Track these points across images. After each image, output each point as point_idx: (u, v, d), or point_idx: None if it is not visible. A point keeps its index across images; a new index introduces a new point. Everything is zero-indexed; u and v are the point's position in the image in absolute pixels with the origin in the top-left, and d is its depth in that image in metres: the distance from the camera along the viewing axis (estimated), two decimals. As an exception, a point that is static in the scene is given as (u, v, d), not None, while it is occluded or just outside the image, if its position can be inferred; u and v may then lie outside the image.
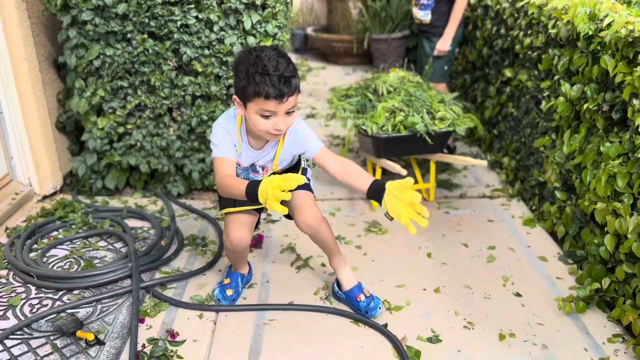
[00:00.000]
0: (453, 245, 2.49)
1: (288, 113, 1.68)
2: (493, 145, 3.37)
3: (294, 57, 6.38)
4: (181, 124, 2.74)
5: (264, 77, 1.60)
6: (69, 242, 2.44)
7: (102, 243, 2.45)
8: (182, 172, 2.89)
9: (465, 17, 3.74)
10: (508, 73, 2.96)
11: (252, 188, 1.60)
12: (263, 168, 1.92)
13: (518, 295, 2.13)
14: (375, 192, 1.70)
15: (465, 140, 3.69)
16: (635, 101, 1.75)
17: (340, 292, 2.05)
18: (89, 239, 2.47)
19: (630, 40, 1.77)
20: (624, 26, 1.81)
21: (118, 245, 2.43)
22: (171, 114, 2.76)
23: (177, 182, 2.89)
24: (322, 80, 5.43)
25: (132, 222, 2.62)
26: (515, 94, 2.95)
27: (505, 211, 2.80)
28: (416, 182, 3.04)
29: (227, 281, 2.09)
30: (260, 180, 1.59)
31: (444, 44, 3.37)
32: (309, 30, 6.32)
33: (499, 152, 3.25)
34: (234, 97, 1.72)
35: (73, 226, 2.54)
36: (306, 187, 1.92)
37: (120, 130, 2.72)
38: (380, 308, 1.98)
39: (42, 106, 2.70)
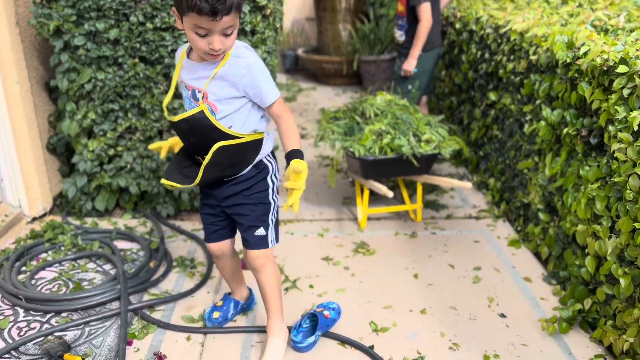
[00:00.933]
0: (439, 266, 2.53)
1: (225, 34, 1.54)
2: (479, 166, 3.42)
3: (284, 78, 6.46)
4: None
5: None
6: (57, 264, 2.45)
7: (91, 265, 2.46)
8: (171, 194, 2.91)
9: (451, 41, 3.83)
10: (492, 96, 3.03)
11: None
12: (203, 96, 1.67)
13: (503, 316, 2.16)
14: (287, 161, 1.66)
15: (452, 161, 3.75)
16: (610, 127, 1.81)
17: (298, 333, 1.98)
18: (78, 261, 2.48)
19: (605, 68, 1.84)
20: (599, 55, 1.87)
21: (107, 267, 2.45)
22: (161, 136, 2.79)
23: (167, 204, 2.91)
24: (312, 100, 5.50)
25: (121, 244, 2.64)
26: (499, 117, 3.02)
27: (491, 232, 2.85)
28: (403, 202, 3.09)
29: (219, 303, 2.10)
30: None
31: (408, 64, 3.52)
32: (300, 52, 6.41)
33: (485, 173, 3.31)
34: (173, 9, 1.58)
35: (62, 248, 2.56)
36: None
37: (111, 152, 2.74)
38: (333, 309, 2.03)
39: (33, 128, 2.73)
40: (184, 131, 1.73)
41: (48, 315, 2.10)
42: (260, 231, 1.81)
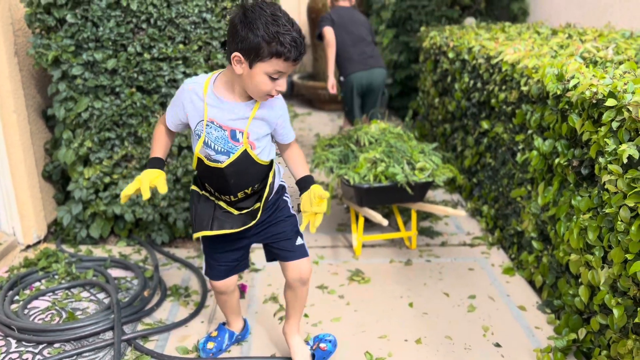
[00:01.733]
0: (434, 294, 2.53)
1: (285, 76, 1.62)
2: (473, 193, 3.45)
3: (280, 103, 6.51)
4: (167, 174, 2.79)
5: (285, 37, 1.49)
6: (51, 293, 2.43)
7: (84, 294, 2.45)
8: (166, 221, 2.92)
9: (444, 70, 3.89)
10: (485, 125, 3.07)
11: (153, 163, 1.74)
12: (242, 134, 1.68)
13: (498, 345, 2.16)
14: (301, 185, 1.82)
15: (447, 188, 3.77)
16: (601, 159, 1.84)
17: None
18: (72, 290, 2.47)
19: (594, 101, 1.88)
20: (588, 88, 1.91)
21: (101, 295, 2.43)
22: (157, 164, 2.80)
23: (162, 231, 2.91)
24: (307, 125, 5.54)
25: (115, 272, 2.63)
26: (492, 145, 3.06)
27: (485, 259, 2.86)
28: (398, 230, 3.10)
29: (214, 334, 2.09)
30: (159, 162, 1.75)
31: (327, 83, 3.91)
32: (295, 78, 6.48)
33: (479, 200, 3.33)
34: (236, 54, 1.53)
35: (56, 276, 2.54)
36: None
37: (106, 180, 2.75)
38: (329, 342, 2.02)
39: (29, 156, 2.74)
40: (226, 174, 1.72)
41: (40, 346, 2.08)
42: (299, 240, 1.89)
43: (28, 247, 2.83)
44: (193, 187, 1.88)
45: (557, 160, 2.20)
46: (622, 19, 3.79)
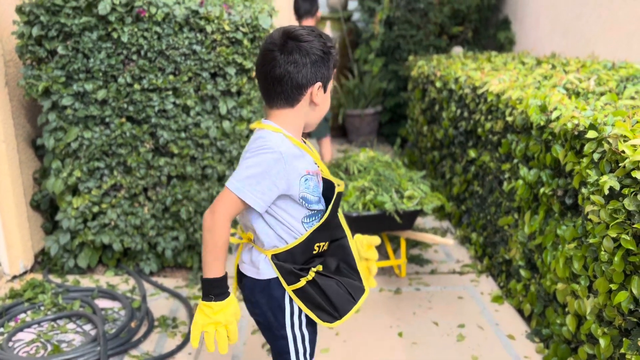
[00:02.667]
0: (424, 323, 2.52)
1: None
2: (462, 220, 3.47)
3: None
4: (156, 203, 2.79)
5: (330, 44, 1.41)
6: (36, 325, 2.40)
7: (70, 325, 2.42)
8: (155, 250, 2.90)
9: (432, 99, 3.95)
10: (472, 153, 3.11)
11: (223, 288, 1.38)
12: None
13: (487, 376, 2.15)
14: None
15: (436, 215, 3.79)
16: (584, 189, 1.87)
17: None
18: (58, 322, 2.44)
19: (576, 133, 1.92)
20: (570, 120, 1.95)
21: (87, 327, 2.41)
22: (146, 193, 2.81)
23: (150, 260, 2.90)
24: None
25: (102, 303, 2.60)
26: (479, 173, 3.09)
27: (474, 287, 2.86)
28: (388, 257, 3.10)
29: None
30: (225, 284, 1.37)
31: None
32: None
33: (468, 227, 3.35)
34: (317, 84, 1.39)
35: (42, 308, 2.52)
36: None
37: (95, 209, 2.75)
38: None
39: (17, 186, 2.74)
40: (335, 225, 1.54)
41: (24, 380, 2.04)
42: None
43: (14, 277, 2.80)
44: (281, 276, 1.45)
45: (542, 190, 2.23)
46: (604, 49, 3.88)
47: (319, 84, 1.39)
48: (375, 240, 1.63)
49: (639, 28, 3.53)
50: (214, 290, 1.36)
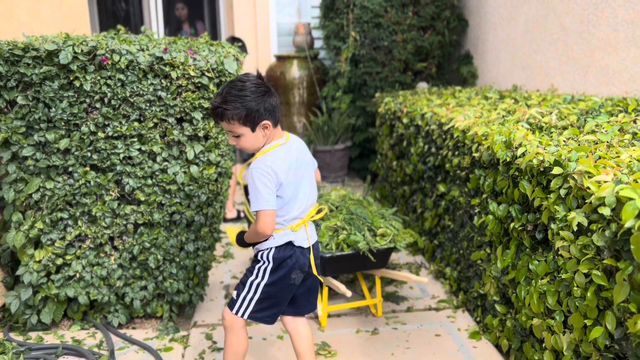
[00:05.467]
0: (402, 365, 2.47)
1: (233, 135, 1.92)
2: (435, 254, 3.47)
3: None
4: (123, 252, 2.71)
5: None
6: (-5, 390, 2.27)
7: (32, 388, 2.29)
8: (123, 301, 2.80)
9: (399, 134, 4.00)
10: (442, 188, 3.13)
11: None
12: None
13: (468, 418, 2.11)
14: None
15: (409, 250, 3.78)
16: (553, 225, 1.88)
17: None
18: (19, 384, 2.31)
19: (541, 169, 1.94)
20: (535, 156, 1.98)
21: (50, 389, 2.28)
22: (112, 242, 2.72)
23: (118, 312, 2.79)
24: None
25: (67, 361, 2.48)
26: (450, 208, 3.11)
27: (451, 324, 2.83)
28: (363, 296, 3.06)
29: None
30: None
31: None
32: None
33: (441, 262, 3.34)
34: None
35: (1, 370, 2.38)
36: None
37: (59, 261, 2.64)
38: None
39: (-25, 241, 2.62)
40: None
41: None
42: (234, 293, 2.06)
43: (-28, 337, 2.65)
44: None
45: (512, 225, 2.24)
46: (563, 82, 4.01)
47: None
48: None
49: (593, 62, 3.67)
50: None
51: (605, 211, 1.57)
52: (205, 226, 2.81)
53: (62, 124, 2.48)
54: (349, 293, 2.61)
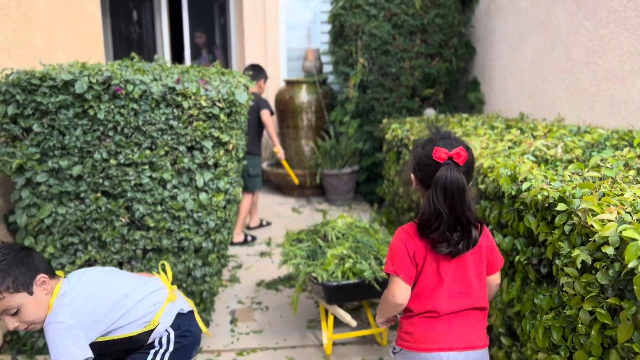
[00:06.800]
0: (407, 396, 2.46)
1: (9, 313, 1.69)
2: (441, 283, 3.46)
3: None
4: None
5: None
6: (2, 414, 2.28)
7: (39, 413, 2.30)
8: (130, 326, 2.82)
9: (406, 161, 4.03)
10: (448, 217, 3.14)
11: None
12: None
13: None
14: None
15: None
16: (557, 260, 1.89)
17: None
18: (25, 409, 2.32)
19: (546, 205, 1.96)
20: (540, 192, 2.01)
21: (56, 414, 2.29)
22: (121, 267, 2.76)
23: (125, 337, 2.81)
24: (274, 212, 5.57)
25: (73, 386, 2.49)
26: (456, 237, 3.11)
27: (456, 354, 2.82)
28: (369, 325, 3.07)
29: None
30: None
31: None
32: (265, 165, 6.57)
33: (447, 290, 3.34)
34: None
35: (9, 394, 2.40)
36: None
37: (68, 286, 2.68)
38: None
39: (-13, 265, 2.66)
40: None
41: None
42: None
43: (-20, 360, 2.68)
44: None
45: (517, 257, 2.25)
46: (570, 111, 4.04)
47: None
48: None
49: (600, 92, 3.70)
50: None
51: (609, 250, 1.59)
52: (213, 252, 2.84)
53: (76, 151, 2.54)
54: (354, 323, 2.61)
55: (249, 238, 4.71)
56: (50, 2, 3.53)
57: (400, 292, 1.78)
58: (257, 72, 4.70)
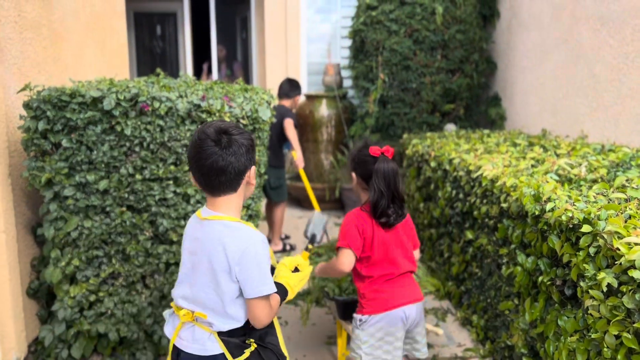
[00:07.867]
0: (427, 416, 2.45)
1: None
2: (462, 300, 3.44)
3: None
4: (153, 290, 2.77)
5: None
6: None
7: None
8: (151, 339, 2.85)
9: (427, 177, 4.02)
10: (469, 234, 3.13)
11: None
12: None
13: None
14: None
15: (436, 294, 3.76)
16: (582, 282, 1.87)
17: None
18: (49, 420, 2.36)
19: (570, 226, 1.95)
20: (564, 212, 1.99)
21: None
22: (144, 281, 2.79)
23: (146, 349, 2.84)
24: (294, 225, 5.58)
25: (96, 398, 2.52)
26: (477, 255, 3.10)
27: (477, 374, 2.80)
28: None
29: None
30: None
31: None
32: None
33: (468, 308, 3.31)
34: (253, 168, 1.66)
35: (33, 405, 2.43)
36: None
37: (92, 298, 2.72)
38: None
39: (14, 277, 2.72)
40: None
41: None
42: None
43: (6, 370, 2.73)
44: None
45: (540, 278, 2.23)
46: (593, 128, 4.00)
47: (253, 167, 1.66)
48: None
49: (624, 110, 3.66)
50: None
51: (636, 274, 1.57)
52: (234, 267, 2.86)
53: (103, 166, 2.59)
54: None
55: (288, 247, 4.74)
56: (79, 19, 3.63)
57: (348, 261, 2.24)
58: (293, 87, 4.65)
